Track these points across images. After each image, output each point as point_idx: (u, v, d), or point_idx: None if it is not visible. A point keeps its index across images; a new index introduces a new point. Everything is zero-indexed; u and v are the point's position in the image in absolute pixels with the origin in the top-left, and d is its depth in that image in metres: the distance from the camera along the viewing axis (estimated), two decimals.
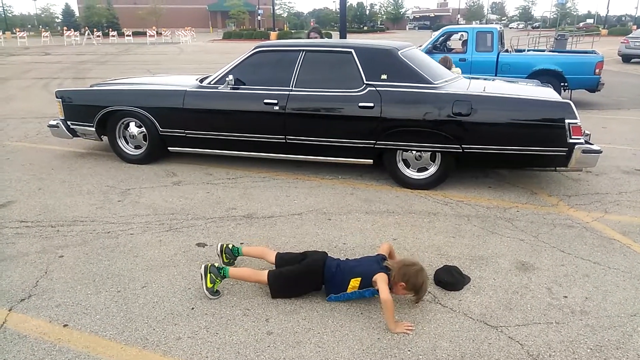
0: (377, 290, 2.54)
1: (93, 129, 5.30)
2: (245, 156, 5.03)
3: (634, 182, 4.75)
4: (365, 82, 4.47)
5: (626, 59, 18.93)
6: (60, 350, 2.33)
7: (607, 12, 59.94)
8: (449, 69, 6.40)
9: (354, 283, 2.64)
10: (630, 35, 19.84)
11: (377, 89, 4.42)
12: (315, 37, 6.92)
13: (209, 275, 2.74)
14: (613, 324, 2.52)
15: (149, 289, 2.86)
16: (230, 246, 3.06)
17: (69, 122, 5.44)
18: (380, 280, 2.55)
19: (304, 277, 2.73)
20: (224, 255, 3.05)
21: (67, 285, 2.89)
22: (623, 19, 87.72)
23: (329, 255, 2.86)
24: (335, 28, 48.29)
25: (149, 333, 2.46)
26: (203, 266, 2.78)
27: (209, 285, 2.74)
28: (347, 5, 9.85)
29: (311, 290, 2.78)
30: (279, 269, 2.79)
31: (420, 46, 8.78)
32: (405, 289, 2.58)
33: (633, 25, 48.62)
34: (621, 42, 19.32)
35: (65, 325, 2.52)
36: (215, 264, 2.79)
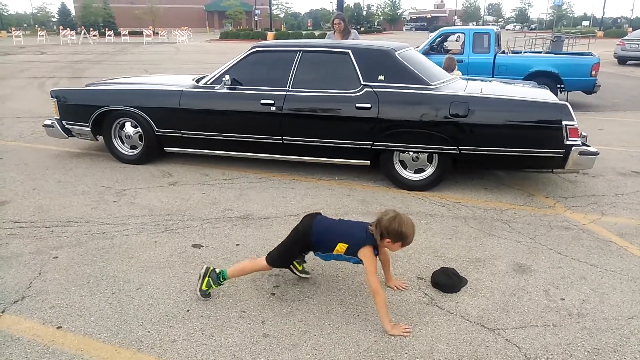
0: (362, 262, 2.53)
1: (88, 128, 5.27)
2: (241, 157, 5.01)
3: (631, 183, 4.76)
4: (362, 82, 4.46)
5: (622, 60, 18.99)
6: (53, 353, 2.30)
7: (603, 15, 60.36)
8: (453, 69, 6.39)
9: (341, 247, 2.58)
10: (625, 37, 19.91)
11: (374, 89, 4.41)
12: (340, 24, 6.54)
13: (207, 278, 2.71)
14: (610, 326, 2.51)
15: (144, 290, 2.83)
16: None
17: (64, 122, 5.41)
18: (367, 261, 2.48)
19: (295, 243, 2.72)
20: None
21: (61, 286, 2.86)
22: (619, 21, 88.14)
23: (321, 215, 2.79)
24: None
25: (144, 335, 2.44)
26: (205, 267, 2.74)
27: (204, 287, 2.71)
28: (344, 6, 9.85)
29: (302, 252, 2.81)
30: (274, 250, 2.76)
31: (417, 47, 8.78)
32: (392, 243, 2.49)
33: (629, 28, 48.85)
34: (617, 44, 19.37)
35: (59, 327, 2.49)
36: (216, 270, 2.74)
